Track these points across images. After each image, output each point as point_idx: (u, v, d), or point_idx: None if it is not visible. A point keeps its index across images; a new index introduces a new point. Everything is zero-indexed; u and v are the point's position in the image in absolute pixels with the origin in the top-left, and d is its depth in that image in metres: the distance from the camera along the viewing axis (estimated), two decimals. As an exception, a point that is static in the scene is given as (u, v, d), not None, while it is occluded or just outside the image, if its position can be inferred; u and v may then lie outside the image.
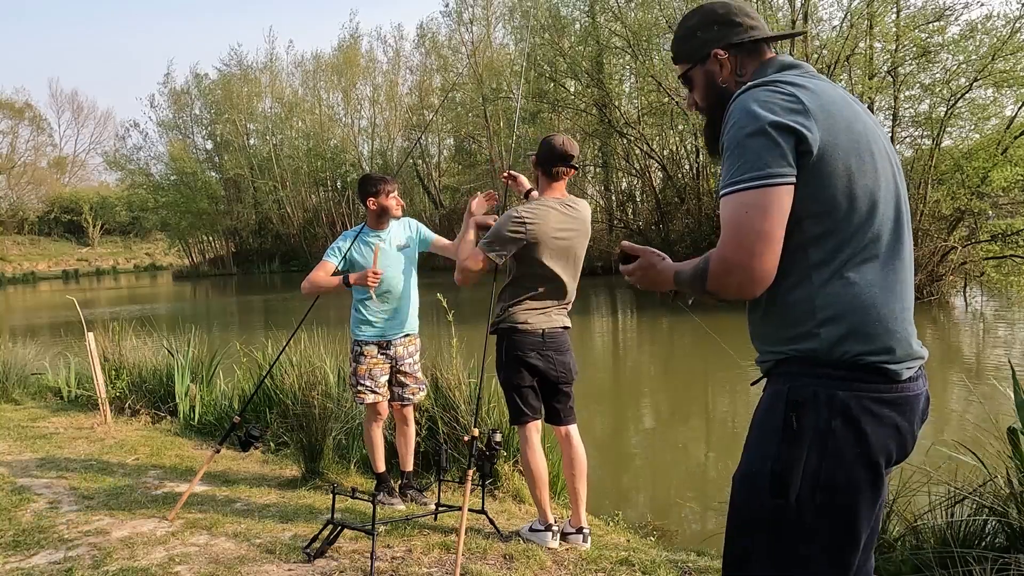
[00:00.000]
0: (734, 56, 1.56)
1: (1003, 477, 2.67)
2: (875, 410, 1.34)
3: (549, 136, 3.17)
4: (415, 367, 3.87)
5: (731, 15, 1.56)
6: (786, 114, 1.33)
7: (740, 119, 1.36)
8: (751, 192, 1.31)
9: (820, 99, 1.37)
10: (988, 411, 3.85)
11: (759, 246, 1.30)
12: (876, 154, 1.41)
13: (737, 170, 1.33)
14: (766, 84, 1.40)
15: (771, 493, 1.35)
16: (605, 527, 3.88)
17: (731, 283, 1.35)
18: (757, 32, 1.56)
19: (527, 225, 3.02)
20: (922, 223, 14.83)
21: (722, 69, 1.57)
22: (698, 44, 1.59)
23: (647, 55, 20.15)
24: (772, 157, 1.31)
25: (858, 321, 1.35)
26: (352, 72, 42.79)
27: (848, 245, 1.36)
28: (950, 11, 15.01)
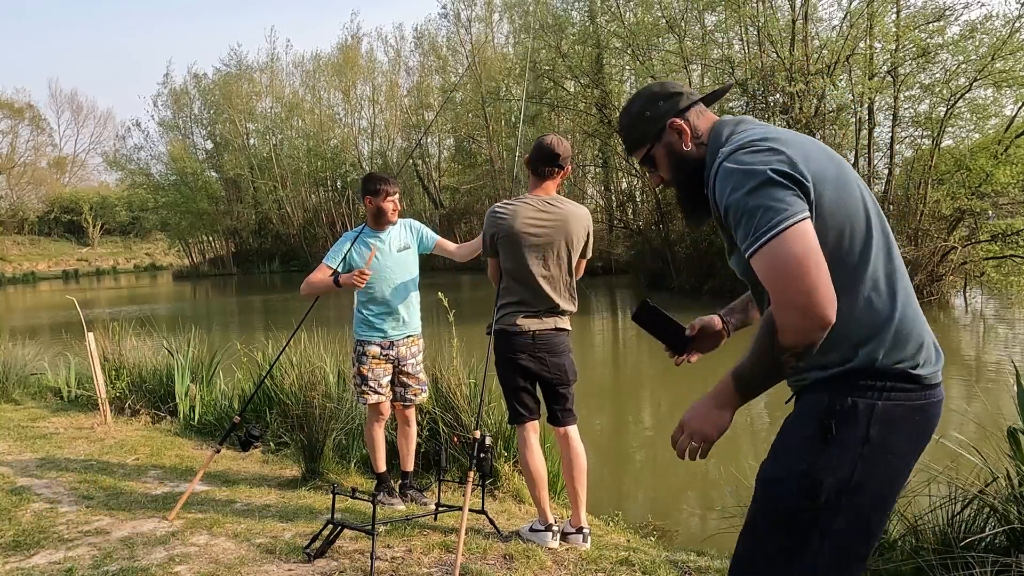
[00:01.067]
0: (688, 122, 1.60)
1: (1004, 478, 2.67)
2: (908, 417, 1.41)
3: (541, 136, 3.21)
4: (417, 368, 3.87)
5: (669, 88, 1.64)
6: (779, 165, 1.36)
7: (738, 181, 1.38)
8: (782, 236, 1.30)
9: (791, 145, 1.42)
10: (989, 411, 3.85)
11: (812, 271, 1.28)
12: (850, 177, 1.47)
13: (759, 222, 1.33)
14: (740, 148, 1.42)
15: (801, 496, 1.39)
16: (605, 527, 3.88)
17: (804, 323, 1.30)
18: (695, 96, 1.62)
19: (498, 218, 3.12)
20: (922, 223, 14.83)
21: (681, 136, 1.60)
22: (651, 123, 1.63)
23: (647, 55, 20.14)
24: (788, 199, 1.32)
25: (891, 335, 1.40)
26: (352, 72, 42.79)
27: (859, 268, 1.41)
28: (950, 11, 15.02)
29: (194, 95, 47.34)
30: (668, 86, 1.64)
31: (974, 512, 2.65)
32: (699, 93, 1.65)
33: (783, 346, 1.33)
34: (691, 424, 1.49)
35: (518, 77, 27.36)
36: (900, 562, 2.62)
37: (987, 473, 2.75)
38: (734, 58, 19.41)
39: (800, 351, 1.34)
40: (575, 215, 3.17)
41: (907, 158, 16.53)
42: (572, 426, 3.24)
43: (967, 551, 2.45)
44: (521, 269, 3.11)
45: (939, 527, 2.66)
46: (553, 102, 24.05)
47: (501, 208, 3.14)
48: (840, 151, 16.73)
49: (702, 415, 1.49)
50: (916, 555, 2.58)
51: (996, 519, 2.59)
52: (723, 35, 20.11)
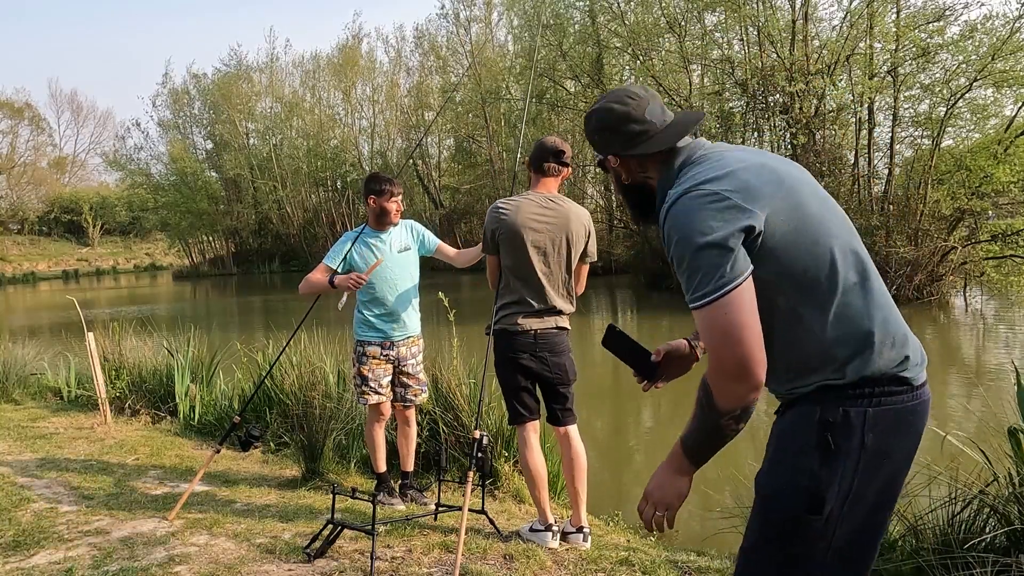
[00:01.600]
0: (628, 161, 1.59)
1: (1004, 478, 2.67)
2: (901, 420, 1.42)
3: (543, 137, 3.23)
4: (417, 368, 3.87)
5: (621, 124, 1.56)
6: (726, 217, 1.36)
7: (682, 236, 1.38)
8: (718, 303, 1.34)
9: (737, 178, 1.41)
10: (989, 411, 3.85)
11: (745, 338, 1.32)
12: (804, 199, 1.45)
13: (699, 284, 1.36)
14: (687, 193, 1.41)
15: (807, 510, 1.40)
16: (605, 527, 3.88)
17: (737, 387, 1.35)
18: (653, 139, 1.54)
19: (501, 214, 3.11)
20: (922, 223, 14.83)
21: (622, 170, 1.60)
22: (597, 144, 1.62)
23: (647, 55, 20.13)
24: (727, 264, 1.34)
25: (875, 346, 1.41)
26: (352, 72, 42.78)
27: (830, 290, 1.41)
28: (950, 11, 15.02)
29: (194, 95, 47.35)
30: (622, 119, 1.55)
31: (974, 512, 2.65)
32: (663, 121, 1.55)
33: (720, 410, 1.37)
34: (653, 495, 1.53)
35: (518, 76, 27.35)
36: (900, 562, 2.62)
37: (987, 473, 2.75)
38: (734, 58, 19.41)
39: (738, 414, 1.38)
40: (576, 214, 3.18)
41: (907, 158, 16.52)
42: (572, 426, 3.24)
43: (967, 551, 2.45)
44: (522, 266, 3.11)
45: (939, 527, 2.66)
46: (553, 101, 24.03)
47: (504, 204, 3.14)
48: (840, 151, 16.75)
49: (661, 485, 1.53)
50: (916, 555, 2.58)
51: (996, 519, 2.59)
52: (723, 35, 20.10)
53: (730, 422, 1.39)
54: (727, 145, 1.56)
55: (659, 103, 1.58)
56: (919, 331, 12.37)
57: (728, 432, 1.41)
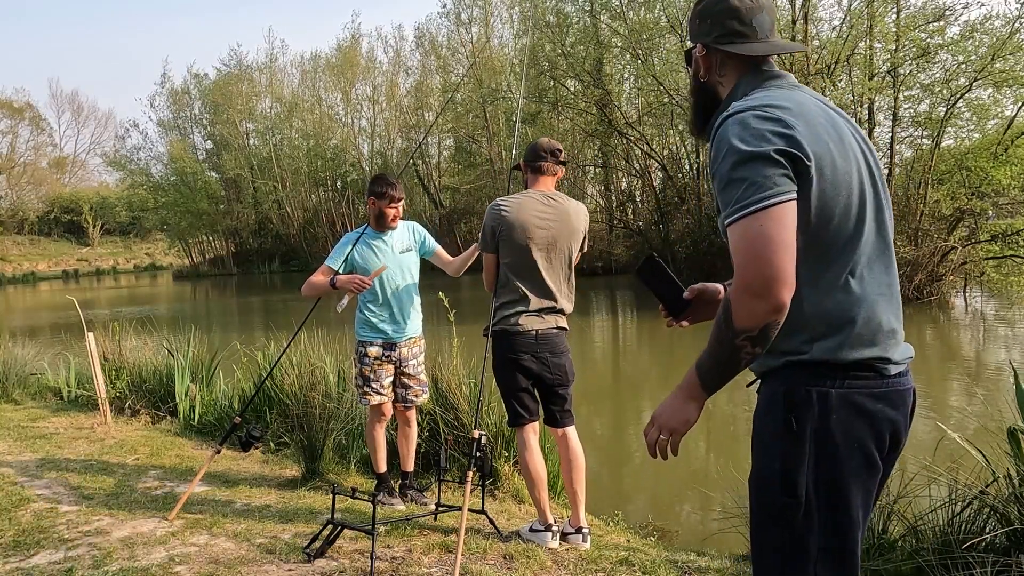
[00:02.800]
0: (712, 56, 1.55)
1: (1004, 478, 2.67)
2: (868, 405, 1.38)
3: (535, 140, 3.26)
4: (418, 369, 3.87)
5: (725, 16, 1.51)
6: (779, 140, 1.32)
7: (732, 147, 1.34)
8: (760, 214, 1.28)
9: (804, 117, 1.37)
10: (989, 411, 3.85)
11: (780, 254, 1.27)
12: (856, 164, 1.42)
13: (742, 194, 1.31)
14: (751, 109, 1.38)
15: (783, 493, 1.39)
16: (605, 527, 3.88)
17: (759, 303, 1.28)
18: (747, 44, 1.51)
19: (503, 211, 3.10)
20: (922, 223, 14.83)
21: (702, 64, 1.56)
22: (694, 29, 1.57)
23: (647, 55, 20.14)
24: (775, 176, 1.30)
25: (851, 332, 1.38)
26: (352, 72, 42.78)
27: (837, 257, 1.38)
28: (950, 11, 15.02)
29: (194, 95, 47.35)
30: (735, 12, 1.50)
31: (974, 512, 2.65)
32: (769, 34, 1.52)
33: (737, 328, 1.31)
34: (659, 418, 1.49)
35: (519, 75, 27.34)
36: (900, 562, 2.62)
37: (987, 473, 2.75)
38: (734, 58, 19.39)
39: (754, 334, 1.31)
40: (576, 211, 3.20)
41: (907, 158, 16.53)
42: (571, 427, 3.24)
43: (967, 551, 2.45)
44: (525, 263, 3.10)
45: (939, 527, 2.66)
46: (553, 101, 24.05)
47: (505, 202, 3.14)
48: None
49: (669, 409, 1.48)
50: (916, 555, 2.59)
51: (996, 519, 2.59)
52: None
53: (745, 342, 1.32)
54: (809, 91, 1.51)
55: (772, 17, 1.54)
56: (919, 331, 12.37)
57: (743, 355, 1.34)
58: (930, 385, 8.56)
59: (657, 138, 22.26)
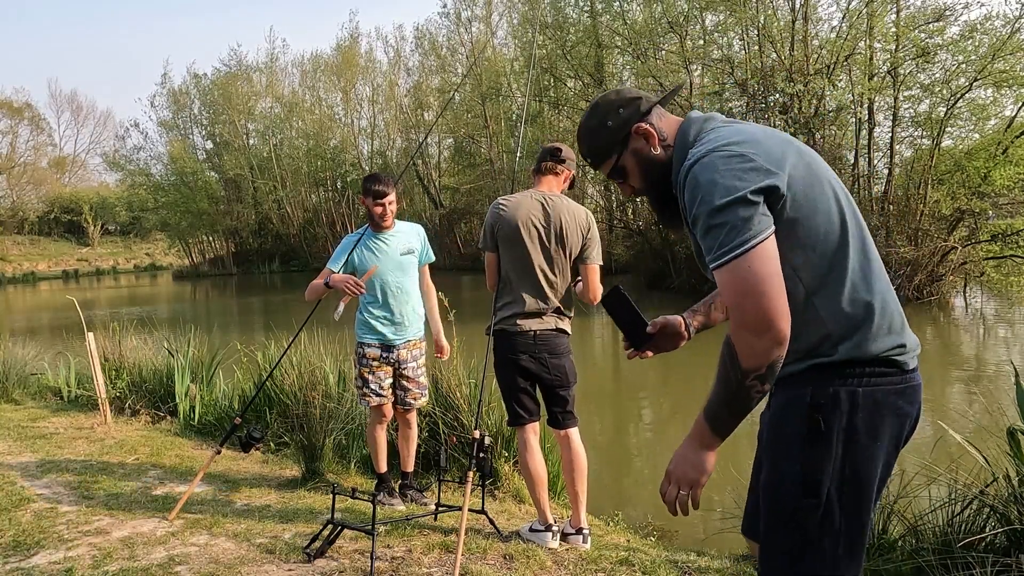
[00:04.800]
0: (652, 125, 1.59)
1: (1004, 478, 2.67)
2: (891, 402, 1.42)
3: None
4: (418, 371, 3.86)
5: (626, 95, 1.61)
6: (751, 176, 1.36)
7: (707, 192, 1.38)
8: (745, 256, 1.33)
9: (759, 144, 1.42)
10: (989, 411, 3.85)
11: (771, 291, 1.31)
12: (820, 174, 1.47)
13: (724, 239, 1.35)
14: (713, 151, 1.41)
15: (804, 494, 1.41)
16: (605, 527, 3.88)
17: (763, 342, 1.32)
18: (654, 99, 1.61)
19: (501, 210, 3.12)
20: (922, 223, 14.83)
21: (648, 141, 1.59)
22: (614, 132, 1.61)
23: (647, 55, 20.13)
24: (753, 218, 1.34)
25: (872, 328, 1.41)
26: (351, 72, 42.77)
27: (836, 265, 1.42)
28: (950, 11, 15.02)
29: (194, 95, 47.33)
30: (624, 92, 1.62)
31: (974, 512, 2.65)
32: (654, 96, 1.63)
33: (746, 369, 1.34)
34: (675, 472, 1.48)
35: (518, 75, 27.34)
36: (900, 562, 2.62)
37: (987, 473, 2.75)
38: (734, 58, 19.40)
39: (763, 372, 1.34)
40: (573, 212, 3.18)
41: (907, 158, 16.52)
42: (573, 428, 3.23)
43: (967, 551, 2.45)
44: (521, 263, 3.10)
45: (939, 527, 2.66)
46: (553, 100, 24.03)
47: (504, 200, 3.15)
48: (840, 151, 16.74)
49: (683, 461, 1.48)
50: (916, 555, 2.59)
51: (996, 519, 2.59)
52: (723, 35, 20.10)
53: (755, 382, 1.34)
54: (743, 121, 1.58)
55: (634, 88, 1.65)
56: (919, 331, 12.35)
57: (754, 394, 1.36)
58: (930, 385, 8.55)
59: (657, 138, 22.21)
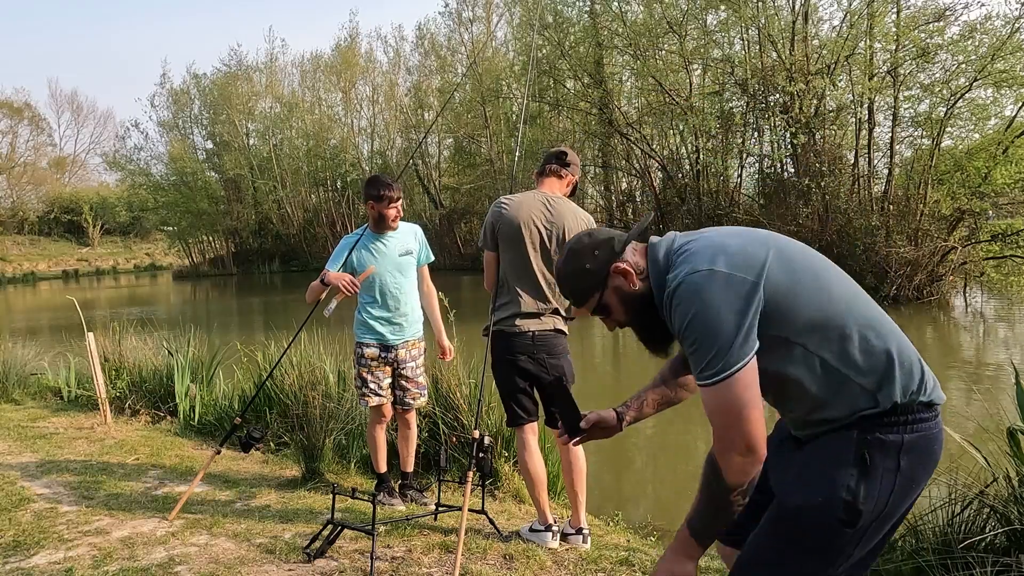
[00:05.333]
0: (628, 262, 1.64)
1: (1004, 478, 2.66)
2: (927, 446, 1.49)
3: None
4: (417, 371, 3.85)
5: (598, 237, 1.67)
6: (731, 294, 1.43)
7: (692, 317, 1.45)
8: (727, 382, 1.42)
9: (735, 255, 1.47)
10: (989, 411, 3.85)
11: (750, 415, 1.41)
12: (790, 246, 1.55)
13: (711, 361, 1.43)
14: (694, 271, 1.47)
15: (842, 522, 1.46)
16: (605, 527, 3.88)
17: (745, 462, 1.43)
18: (624, 236, 1.68)
19: (502, 208, 3.12)
20: (922, 223, 14.83)
21: (627, 278, 1.63)
22: (593, 274, 1.66)
23: (648, 55, 20.14)
24: (735, 343, 1.41)
25: (898, 372, 1.48)
26: (351, 72, 42.77)
27: (845, 325, 1.48)
28: (950, 11, 15.02)
29: (194, 95, 47.33)
30: (596, 234, 1.68)
31: (974, 512, 2.65)
32: (622, 233, 1.69)
33: (731, 484, 1.46)
34: None
35: (518, 76, 27.34)
36: (900, 562, 2.62)
37: (987, 473, 2.75)
38: (734, 58, 19.42)
39: (744, 486, 1.47)
40: (575, 214, 3.17)
41: (907, 158, 16.53)
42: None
43: (967, 551, 2.45)
44: (520, 263, 3.10)
45: (939, 527, 2.66)
46: (553, 101, 24.05)
47: (506, 199, 3.15)
48: (840, 151, 16.75)
49: (666, 570, 1.59)
50: (916, 555, 2.58)
51: (996, 519, 2.58)
52: (723, 35, 20.12)
53: (738, 496, 1.48)
54: (706, 230, 1.65)
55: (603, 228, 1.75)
56: (919, 331, 12.36)
57: (735, 507, 1.50)
58: (930, 385, 8.55)
59: (657, 138, 22.26)
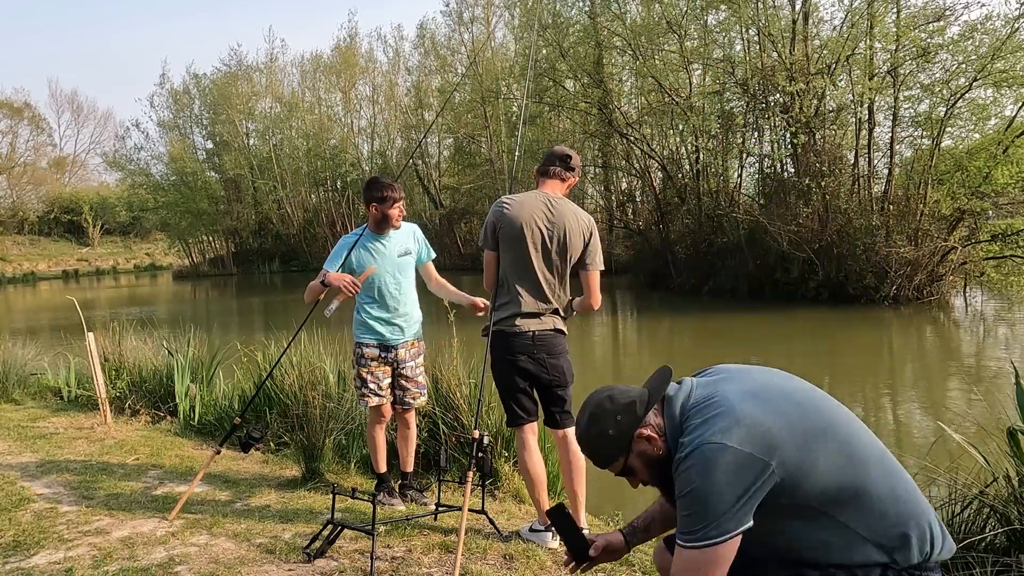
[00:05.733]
0: (651, 426, 1.65)
1: (1004, 478, 2.66)
2: None
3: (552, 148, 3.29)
4: (417, 371, 3.85)
5: (620, 401, 1.66)
6: (737, 476, 1.45)
7: (696, 488, 1.46)
8: (704, 551, 1.45)
9: (749, 426, 1.47)
10: (988, 411, 3.85)
11: None
12: (814, 404, 1.55)
13: (693, 526, 1.49)
14: (702, 445, 1.48)
15: None
16: (605, 527, 3.88)
17: None
18: (645, 395, 1.66)
19: (504, 207, 3.11)
20: (922, 223, 14.84)
21: (652, 443, 1.65)
22: (617, 440, 1.66)
23: (647, 55, 20.13)
24: (728, 515, 1.44)
25: (917, 534, 1.50)
26: (351, 72, 42.78)
27: (868, 495, 1.49)
28: (950, 11, 15.03)
29: (194, 95, 47.34)
30: (618, 398, 1.67)
31: (974, 512, 2.65)
32: (645, 394, 1.67)
33: None
34: None
35: (518, 76, 27.34)
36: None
37: (987, 474, 2.75)
38: (735, 58, 19.41)
39: None
40: (576, 215, 3.17)
41: (907, 158, 16.54)
42: (571, 428, 3.23)
43: (967, 551, 2.45)
44: (521, 263, 3.10)
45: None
46: (553, 101, 24.05)
47: (507, 199, 3.14)
48: (840, 151, 16.75)
49: None
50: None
51: (996, 519, 2.58)
52: (723, 35, 20.11)
53: None
54: (717, 371, 1.66)
55: (620, 386, 1.71)
56: (919, 331, 12.37)
57: None
58: (930, 385, 8.55)
59: (657, 138, 22.26)
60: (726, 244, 18.35)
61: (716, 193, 20.23)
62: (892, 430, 6.65)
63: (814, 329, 13.15)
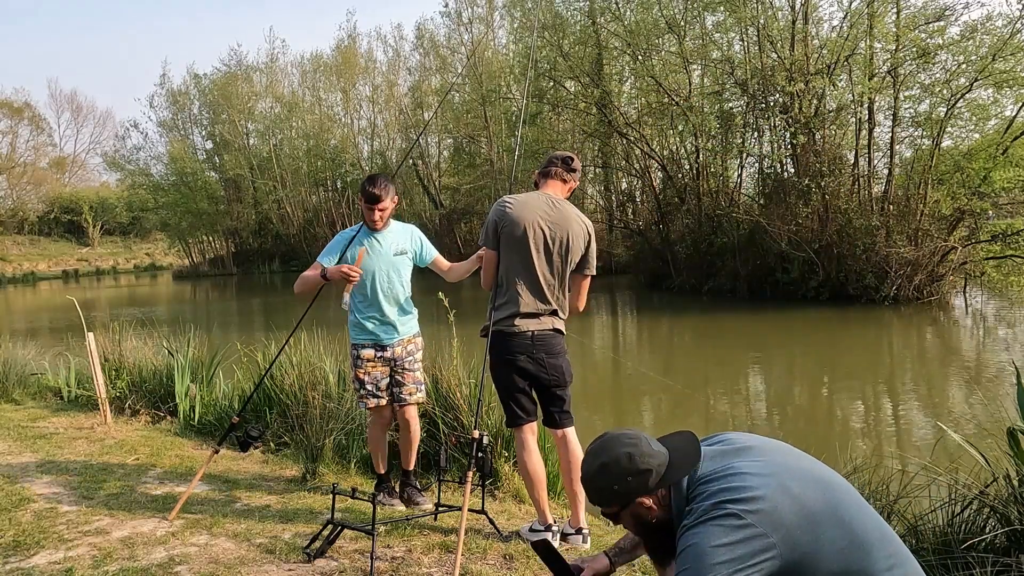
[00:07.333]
0: (655, 497, 1.65)
1: (1004, 478, 2.66)
2: None
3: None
4: (414, 366, 3.84)
5: (638, 466, 1.64)
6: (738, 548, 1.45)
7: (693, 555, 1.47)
8: None
9: (756, 500, 1.48)
10: (989, 411, 3.85)
11: None
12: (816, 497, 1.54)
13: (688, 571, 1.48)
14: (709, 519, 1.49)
15: None
16: (605, 527, 3.88)
17: None
18: (663, 468, 1.65)
19: (506, 207, 3.10)
20: (922, 223, 14.84)
21: (649, 511, 1.66)
22: (619, 495, 1.66)
23: (647, 56, 20.13)
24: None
25: None
26: (351, 72, 42.79)
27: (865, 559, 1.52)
28: (950, 11, 15.03)
29: (193, 95, 47.34)
30: (638, 461, 1.65)
31: (974, 512, 2.65)
32: (663, 452, 1.66)
33: None
34: None
35: (518, 77, 27.33)
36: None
37: (987, 473, 2.75)
38: (734, 58, 19.41)
39: None
40: (577, 217, 3.18)
41: (907, 158, 16.54)
42: (570, 428, 3.23)
43: (967, 552, 2.45)
44: (521, 263, 3.10)
45: (939, 527, 2.66)
46: (553, 102, 24.05)
47: (510, 199, 3.13)
48: (840, 151, 16.76)
49: None
50: (916, 555, 2.57)
51: (996, 519, 2.58)
52: (723, 35, 20.11)
53: None
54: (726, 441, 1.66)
55: (645, 435, 1.68)
56: (919, 332, 12.37)
57: None
58: (930, 385, 8.56)
59: (657, 138, 22.26)
60: (726, 244, 18.35)
61: (716, 193, 20.23)
62: (892, 430, 6.65)
63: (814, 329, 13.16)
